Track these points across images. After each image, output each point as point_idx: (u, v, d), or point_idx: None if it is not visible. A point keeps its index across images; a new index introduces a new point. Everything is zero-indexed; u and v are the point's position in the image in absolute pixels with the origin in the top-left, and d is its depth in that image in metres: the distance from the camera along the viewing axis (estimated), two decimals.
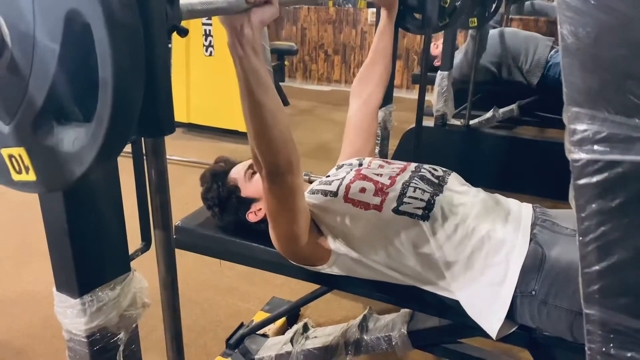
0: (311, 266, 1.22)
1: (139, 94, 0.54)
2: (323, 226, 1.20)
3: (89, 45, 0.49)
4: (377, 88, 1.54)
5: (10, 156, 0.59)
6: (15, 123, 0.57)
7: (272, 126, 0.94)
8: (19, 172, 0.60)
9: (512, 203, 1.25)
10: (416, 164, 1.32)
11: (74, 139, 0.55)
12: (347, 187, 1.21)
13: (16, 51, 0.54)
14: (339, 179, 1.26)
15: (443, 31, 2.77)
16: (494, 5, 2.64)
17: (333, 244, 1.18)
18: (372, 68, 1.54)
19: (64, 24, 0.50)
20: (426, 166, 1.31)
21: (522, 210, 1.20)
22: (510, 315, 1.07)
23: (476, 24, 2.57)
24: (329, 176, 1.33)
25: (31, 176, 0.59)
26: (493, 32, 3.31)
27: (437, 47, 3.35)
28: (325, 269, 1.21)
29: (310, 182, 1.40)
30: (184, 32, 0.70)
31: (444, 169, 1.32)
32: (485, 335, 1.09)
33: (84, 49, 0.50)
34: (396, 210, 1.14)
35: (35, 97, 0.54)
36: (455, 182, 1.27)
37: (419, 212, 1.13)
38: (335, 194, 1.21)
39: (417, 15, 1.64)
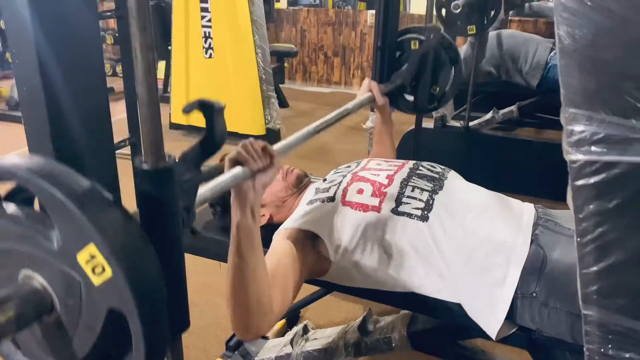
0: (311, 278, 1.23)
1: (166, 344, 0.63)
2: (323, 237, 1.18)
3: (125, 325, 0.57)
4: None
5: None
6: None
7: (249, 283, 0.94)
8: None
9: (513, 202, 1.24)
10: (414, 162, 1.32)
11: None
12: (345, 190, 1.21)
13: (63, 315, 0.60)
14: (335, 184, 1.26)
15: None
16: (492, 13, 2.65)
17: (333, 256, 1.17)
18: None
19: (105, 315, 0.58)
20: (425, 163, 1.31)
21: (523, 210, 1.20)
22: (511, 317, 1.07)
23: (475, 31, 2.58)
24: (325, 180, 1.33)
25: None
26: (492, 34, 3.31)
27: None
28: (326, 278, 1.22)
29: (312, 182, 1.41)
30: (195, 234, 0.76)
31: (442, 166, 1.32)
32: (485, 336, 1.09)
33: (121, 321, 0.57)
34: (395, 211, 1.14)
35: (77, 351, 0.61)
36: (455, 179, 1.27)
37: (418, 212, 1.13)
38: (332, 198, 1.21)
39: (410, 98, 1.77)
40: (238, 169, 0.90)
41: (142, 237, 0.60)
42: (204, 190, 0.82)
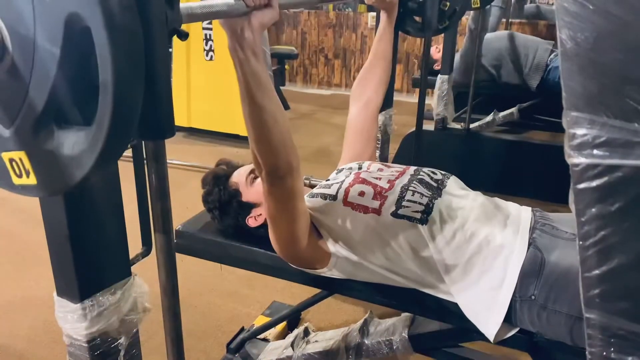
0: (311, 269, 1.22)
1: (139, 97, 0.54)
2: (323, 229, 1.20)
3: (89, 48, 0.49)
4: (377, 91, 1.55)
5: (11, 160, 0.59)
6: (16, 127, 0.57)
7: (272, 129, 0.94)
8: (20, 176, 0.60)
9: (511, 207, 1.25)
10: (415, 168, 1.32)
11: (74, 143, 0.55)
12: (347, 191, 1.22)
13: (17, 55, 0.54)
14: (338, 183, 1.26)
15: (443, 34, 2.78)
16: None
17: (333, 247, 1.18)
18: (371, 71, 1.55)
19: (64, 28, 0.50)
20: (425, 169, 1.31)
21: (521, 214, 1.20)
22: (510, 320, 1.07)
23: (479, 4, 2.53)
24: (328, 180, 1.34)
25: (32, 180, 0.59)
26: (492, 36, 3.31)
27: (438, 50, 3.35)
28: (325, 272, 1.21)
29: (312, 186, 1.41)
30: (184, 36, 0.70)
31: (442, 172, 1.32)
32: (486, 339, 1.09)
33: (84, 53, 0.50)
34: (395, 214, 1.14)
35: (35, 101, 0.54)
36: (454, 185, 1.27)
37: (418, 215, 1.13)
38: (334, 197, 1.21)
39: (417, 18, 1.65)
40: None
41: None
42: (195, 5, 0.76)
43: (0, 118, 0.58)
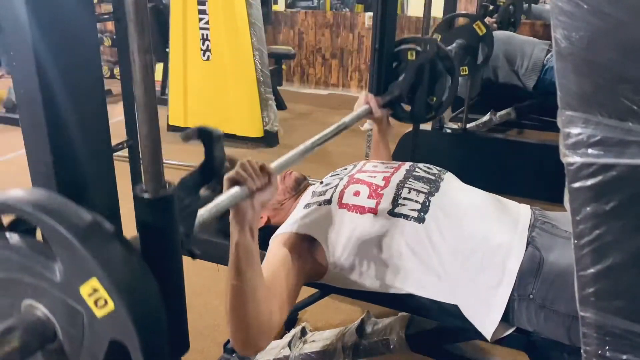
0: (308, 281, 1.23)
1: None
2: (320, 240, 1.18)
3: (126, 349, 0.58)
4: None
5: None
6: None
7: (249, 302, 0.95)
8: None
9: (510, 204, 1.24)
10: (411, 163, 1.32)
11: None
12: (341, 193, 1.21)
13: (66, 344, 0.61)
14: (332, 187, 1.26)
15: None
16: (485, 54, 2.67)
17: (331, 259, 1.18)
18: None
19: (108, 345, 0.58)
20: (421, 165, 1.31)
21: (520, 212, 1.20)
22: (508, 319, 1.07)
23: (467, 72, 2.63)
24: (322, 183, 1.33)
25: None
26: None
27: None
28: (324, 281, 1.22)
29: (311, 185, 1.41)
30: (195, 256, 0.82)
31: (438, 168, 1.33)
32: (482, 338, 1.09)
33: (123, 351, 0.58)
34: (391, 212, 1.14)
35: None
36: (451, 180, 1.27)
37: (414, 214, 1.13)
38: (329, 201, 1.21)
39: (407, 107, 1.78)
40: (236, 189, 0.91)
41: (142, 269, 0.61)
42: (203, 211, 0.84)
43: None
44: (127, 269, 0.59)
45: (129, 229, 0.86)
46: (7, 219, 0.64)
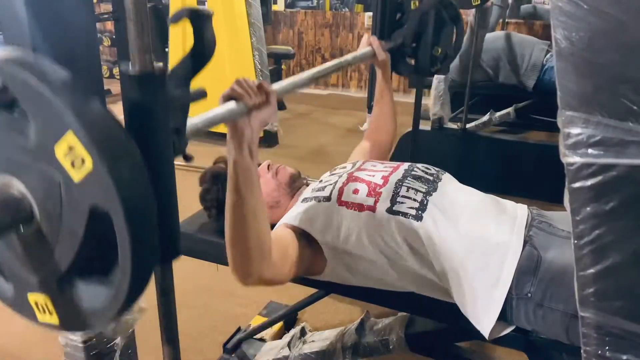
0: (307, 276, 1.23)
1: (154, 262, 0.59)
2: (317, 237, 1.18)
3: (110, 220, 0.53)
4: (388, 135, 1.64)
5: (36, 302, 0.63)
6: (41, 276, 0.61)
7: (250, 227, 0.94)
8: (43, 313, 0.63)
9: (507, 204, 1.25)
10: (409, 163, 1.32)
11: (94, 297, 0.58)
12: (340, 190, 1.21)
13: (43, 223, 0.57)
14: (331, 184, 1.26)
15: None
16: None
17: (329, 255, 1.18)
18: (379, 124, 1.63)
19: (88, 214, 0.54)
20: (419, 165, 1.31)
21: (517, 212, 1.20)
22: (506, 318, 1.07)
23: (479, 1, 2.53)
24: (321, 181, 1.33)
25: (54, 320, 0.62)
26: (489, 36, 3.32)
27: None
28: (321, 278, 1.22)
29: (308, 185, 1.41)
30: (189, 159, 0.76)
31: (437, 168, 1.33)
32: (482, 338, 1.09)
33: (106, 223, 0.54)
34: (390, 210, 1.14)
35: (60, 261, 0.58)
36: (449, 181, 1.28)
37: (413, 212, 1.13)
38: (328, 198, 1.21)
39: (410, 61, 1.72)
40: (233, 104, 0.87)
41: (126, 136, 0.54)
42: (197, 120, 0.79)
43: (27, 265, 0.61)
44: (106, 125, 0.52)
45: None
46: None
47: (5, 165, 0.57)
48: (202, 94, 0.78)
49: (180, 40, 3.80)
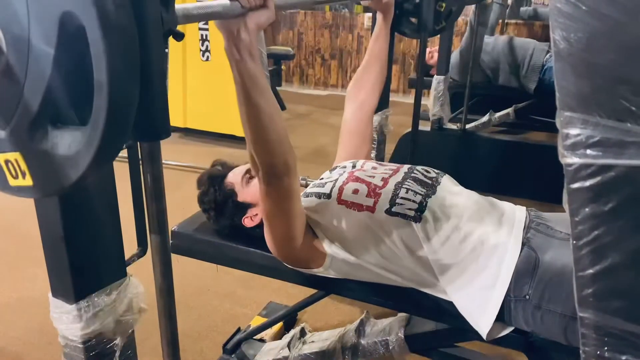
0: (307, 269, 1.23)
1: (134, 97, 0.54)
2: (318, 229, 1.20)
3: (84, 48, 0.49)
4: (372, 92, 1.56)
5: (7, 161, 0.59)
6: (11, 128, 0.57)
7: (268, 128, 0.95)
8: (16, 177, 0.60)
9: (505, 206, 1.25)
10: (409, 166, 1.32)
11: (69, 143, 0.54)
12: (340, 189, 1.22)
13: (11, 56, 0.53)
14: (332, 181, 1.27)
15: (439, 36, 2.78)
16: None
17: (328, 247, 1.19)
18: (367, 72, 1.56)
19: (59, 27, 0.49)
20: (419, 168, 1.31)
21: (515, 213, 1.21)
22: (504, 319, 1.07)
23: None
24: (322, 179, 1.34)
25: (27, 181, 0.59)
26: (489, 39, 3.32)
27: (432, 57, 3.37)
28: (321, 272, 1.22)
29: (307, 186, 1.41)
30: (180, 36, 0.70)
31: (436, 170, 1.33)
32: (482, 338, 1.10)
33: (79, 52, 0.50)
34: (389, 211, 1.15)
35: (30, 102, 0.54)
36: (448, 183, 1.28)
37: (412, 213, 1.14)
38: (328, 196, 1.22)
39: (413, 20, 1.65)
40: (227, 1, 0.83)
41: None
42: (190, 6, 0.76)
43: None
44: None
45: (126, 229, 0.87)
46: None
47: None
48: None
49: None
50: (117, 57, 0.49)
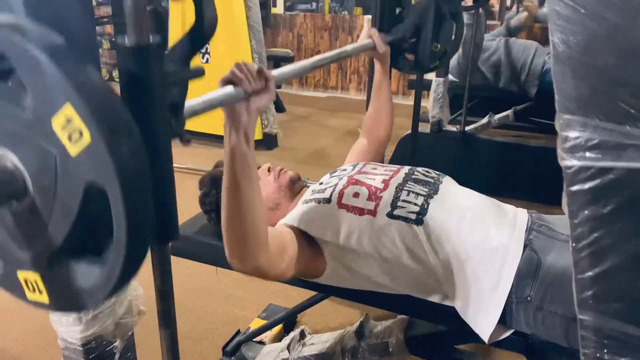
0: (306, 279, 1.23)
1: (148, 242, 0.57)
2: (317, 239, 1.18)
3: (106, 201, 0.51)
4: (385, 129, 1.63)
5: (26, 280, 0.61)
6: (32, 253, 0.59)
7: (246, 213, 0.94)
8: (33, 292, 0.61)
9: (507, 207, 1.25)
10: (409, 167, 1.32)
11: (87, 276, 0.56)
12: (341, 193, 1.21)
13: (37, 198, 0.56)
14: (331, 186, 1.26)
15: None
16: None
17: (329, 257, 1.18)
18: (378, 116, 1.62)
19: (83, 192, 0.52)
20: (419, 169, 1.31)
21: (517, 215, 1.20)
22: (506, 321, 1.07)
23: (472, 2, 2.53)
24: (321, 183, 1.33)
25: (44, 298, 0.60)
26: (492, 43, 3.32)
27: None
28: (321, 280, 1.22)
29: (307, 187, 1.41)
30: (187, 141, 0.74)
31: (437, 172, 1.33)
32: (481, 341, 1.09)
33: (101, 202, 0.53)
34: (390, 215, 1.14)
35: (53, 237, 0.56)
36: (449, 184, 1.28)
37: (413, 216, 1.14)
38: (328, 200, 1.21)
39: (409, 57, 1.72)
40: (231, 88, 0.87)
41: (125, 110, 0.53)
42: (195, 102, 0.78)
43: (18, 241, 0.59)
44: (105, 97, 0.51)
45: None
46: None
47: (1, 137, 0.55)
48: (200, 72, 0.77)
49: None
50: (135, 218, 0.52)
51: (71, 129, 0.49)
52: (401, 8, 1.69)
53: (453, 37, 1.71)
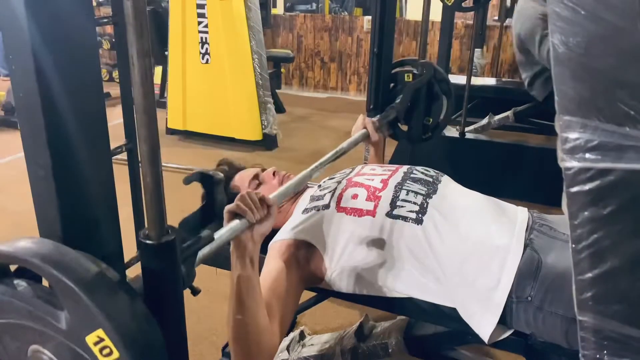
0: (308, 285, 1.23)
1: None
2: (318, 245, 1.18)
3: None
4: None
5: None
6: None
7: (251, 330, 0.98)
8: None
9: (508, 206, 1.24)
10: (408, 166, 1.32)
11: None
12: (339, 196, 1.21)
13: None
14: (330, 191, 1.26)
15: (438, 37, 2.78)
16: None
17: (329, 264, 1.18)
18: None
19: None
20: (418, 168, 1.31)
21: (517, 214, 1.20)
22: (506, 321, 1.07)
23: (452, 1, 2.58)
24: (320, 186, 1.33)
25: None
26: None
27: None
28: (323, 286, 1.22)
29: (307, 187, 1.41)
30: (196, 292, 0.85)
31: (436, 170, 1.33)
32: (481, 341, 1.09)
33: None
34: (390, 214, 1.14)
35: None
36: (448, 183, 1.28)
37: (413, 215, 1.13)
38: (327, 206, 1.21)
39: (403, 127, 1.84)
40: (236, 222, 0.93)
41: (146, 317, 0.63)
42: (207, 250, 0.86)
43: None
44: (132, 320, 0.61)
45: (127, 233, 0.86)
46: (13, 266, 0.67)
47: (37, 336, 0.63)
48: (210, 239, 0.87)
49: (179, 43, 3.81)
50: None
51: (103, 345, 0.58)
52: (394, 83, 1.82)
53: (444, 112, 1.80)
